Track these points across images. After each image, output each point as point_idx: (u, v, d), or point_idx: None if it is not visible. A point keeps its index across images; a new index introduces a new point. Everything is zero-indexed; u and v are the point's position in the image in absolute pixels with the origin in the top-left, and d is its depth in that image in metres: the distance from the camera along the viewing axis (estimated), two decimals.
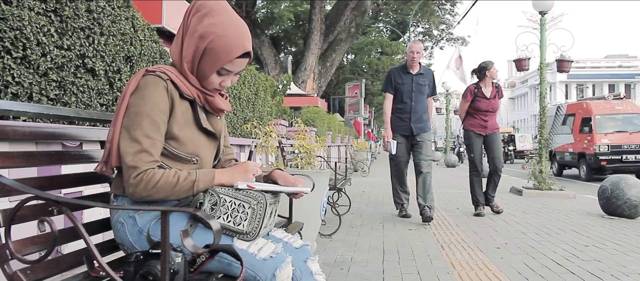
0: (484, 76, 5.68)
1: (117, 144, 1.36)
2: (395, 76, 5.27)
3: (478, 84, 5.71)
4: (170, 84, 1.40)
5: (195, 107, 1.46)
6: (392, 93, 5.28)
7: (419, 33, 32.59)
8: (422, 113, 5.20)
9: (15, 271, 1.16)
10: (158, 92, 1.36)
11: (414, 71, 5.23)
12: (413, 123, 5.15)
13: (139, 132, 1.33)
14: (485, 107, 5.61)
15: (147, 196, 1.33)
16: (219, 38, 1.39)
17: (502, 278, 3.04)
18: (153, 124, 1.34)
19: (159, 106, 1.36)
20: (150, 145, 1.33)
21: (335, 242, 4.08)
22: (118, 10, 3.11)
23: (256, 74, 6.35)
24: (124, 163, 1.33)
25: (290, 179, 1.59)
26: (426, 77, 5.28)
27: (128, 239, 1.40)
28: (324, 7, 18.96)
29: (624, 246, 3.96)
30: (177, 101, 1.41)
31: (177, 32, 1.49)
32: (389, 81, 5.32)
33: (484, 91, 5.67)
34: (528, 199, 7.19)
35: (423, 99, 5.24)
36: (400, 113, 5.21)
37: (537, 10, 7.89)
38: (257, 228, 1.38)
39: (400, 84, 5.21)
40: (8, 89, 2.25)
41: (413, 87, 5.19)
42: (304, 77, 18.30)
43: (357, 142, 16.64)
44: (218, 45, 1.39)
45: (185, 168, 1.44)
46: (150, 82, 1.37)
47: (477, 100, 5.64)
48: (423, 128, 5.19)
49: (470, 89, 5.75)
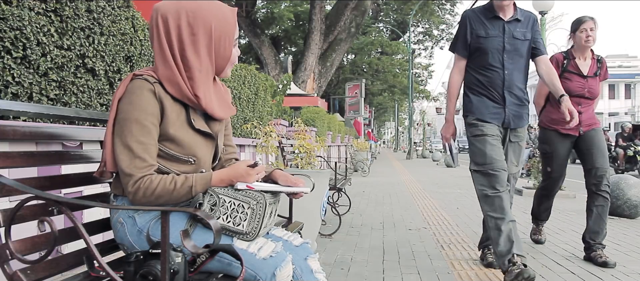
0: (579, 40, 3.52)
1: (110, 151, 1.37)
2: (474, 24, 3.07)
3: (570, 53, 3.59)
4: (159, 86, 1.38)
5: (188, 108, 1.44)
6: (466, 55, 3.13)
7: (419, 33, 32.62)
8: (520, 89, 3.07)
9: (15, 271, 1.16)
10: (144, 97, 1.35)
11: (506, 15, 3.05)
12: (508, 107, 3.03)
13: (129, 138, 1.32)
14: (578, 89, 3.48)
15: (146, 203, 1.34)
16: (215, 15, 1.41)
17: (502, 278, 3.04)
18: (143, 129, 1.33)
19: (147, 109, 1.34)
20: (143, 150, 1.33)
21: (335, 242, 4.08)
22: (118, 10, 3.11)
23: (256, 74, 6.35)
24: (120, 171, 1.34)
25: (291, 179, 1.58)
26: (526, 26, 3.07)
27: (128, 239, 1.40)
28: (324, 7, 18.97)
29: (624, 246, 3.96)
30: (168, 102, 1.39)
31: (158, 48, 1.41)
32: (462, 34, 3.12)
33: (579, 65, 3.53)
34: (528, 199, 7.18)
35: (522, 63, 3.08)
36: (482, 88, 3.06)
37: (537, 10, 7.89)
38: (257, 228, 1.38)
39: (484, 38, 3.03)
40: (8, 89, 2.25)
41: (505, 42, 3.01)
42: (304, 77, 18.32)
43: (357, 142, 16.66)
44: (220, 18, 1.41)
45: (183, 169, 1.43)
46: (137, 86, 1.35)
47: (566, 77, 3.49)
48: (521, 116, 3.10)
49: (557, 59, 3.57)
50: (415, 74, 32.57)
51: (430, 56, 35.08)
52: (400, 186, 9.56)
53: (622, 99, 62.79)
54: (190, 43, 1.39)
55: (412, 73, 28.15)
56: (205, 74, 1.43)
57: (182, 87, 1.38)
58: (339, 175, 5.69)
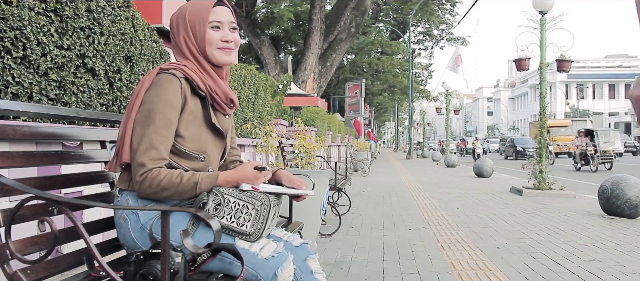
0: None
1: (129, 141, 1.39)
2: None
3: None
4: (185, 81, 1.43)
5: (206, 104, 1.48)
6: None
7: (419, 33, 32.62)
8: None
9: (15, 271, 1.16)
10: (172, 90, 1.39)
11: None
12: None
13: (151, 128, 1.36)
14: None
15: (151, 194, 1.36)
16: (192, 5, 1.49)
17: (502, 278, 3.04)
18: (165, 122, 1.37)
19: (172, 103, 1.39)
20: (160, 142, 1.36)
21: (335, 242, 4.08)
22: (118, 10, 3.11)
23: (256, 74, 6.34)
24: (133, 159, 1.36)
25: (294, 179, 1.59)
26: None
27: (130, 236, 1.40)
28: (324, 7, 18.97)
29: (624, 246, 3.96)
30: (189, 98, 1.44)
31: (174, 41, 1.55)
32: None
33: None
34: (528, 199, 7.18)
35: None
36: None
37: (537, 10, 7.89)
38: (260, 230, 1.38)
39: None
40: (8, 89, 2.25)
41: None
42: (304, 77, 18.31)
43: (357, 142, 16.65)
44: (193, 9, 1.49)
45: (193, 166, 1.46)
46: (164, 79, 1.40)
47: None
48: None
49: None
50: (415, 74, 32.55)
51: (430, 56, 35.05)
52: (400, 186, 9.56)
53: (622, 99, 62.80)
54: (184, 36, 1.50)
55: (412, 73, 28.14)
56: (198, 60, 1.50)
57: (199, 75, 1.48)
58: (339, 175, 5.69)
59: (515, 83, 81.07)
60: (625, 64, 65.23)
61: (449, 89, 19.70)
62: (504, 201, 6.90)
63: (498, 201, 7.01)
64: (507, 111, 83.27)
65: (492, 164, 11.97)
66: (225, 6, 1.51)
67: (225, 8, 1.51)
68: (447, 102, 19.60)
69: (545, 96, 8.08)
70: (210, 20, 1.47)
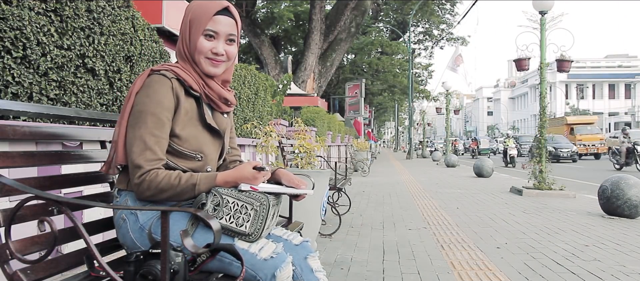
0: None
1: (123, 143, 1.39)
2: None
3: None
4: (176, 82, 1.43)
5: (200, 103, 1.48)
6: None
7: (419, 33, 32.61)
8: None
9: (15, 271, 1.16)
10: (163, 91, 1.39)
11: None
12: None
13: (143, 130, 1.35)
14: None
15: (150, 196, 1.36)
16: (198, 5, 1.47)
17: (502, 278, 3.04)
18: (158, 122, 1.37)
19: (164, 104, 1.38)
20: (155, 143, 1.36)
21: (335, 242, 4.08)
22: (118, 10, 3.11)
23: (256, 74, 6.34)
24: (129, 161, 1.36)
25: (294, 178, 1.59)
26: None
27: (130, 236, 1.40)
28: (324, 7, 18.97)
29: (624, 246, 3.95)
30: (183, 98, 1.44)
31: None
32: None
33: None
34: (528, 199, 7.18)
35: None
36: None
37: (537, 10, 7.89)
38: (260, 230, 1.38)
39: None
40: (8, 89, 2.25)
41: None
42: (304, 77, 18.32)
43: (357, 142, 16.66)
44: (197, 10, 1.47)
45: (190, 165, 1.46)
46: (155, 80, 1.40)
47: None
48: None
49: None
50: (415, 74, 32.54)
51: (430, 55, 35.01)
52: (400, 186, 9.56)
53: (622, 99, 62.77)
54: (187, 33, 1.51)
55: (412, 73, 28.13)
56: (190, 62, 1.50)
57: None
58: (339, 175, 5.69)
59: (515, 83, 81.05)
60: (625, 64, 65.20)
61: (449, 89, 19.72)
62: (504, 201, 6.90)
63: (498, 201, 7.01)
64: (507, 111, 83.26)
65: (492, 164, 11.95)
66: (229, 16, 1.49)
67: (228, 18, 1.48)
68: (447, 102, 19.61)
69: (545, 96, 8.08)
70: (206, 27, 1.46)
